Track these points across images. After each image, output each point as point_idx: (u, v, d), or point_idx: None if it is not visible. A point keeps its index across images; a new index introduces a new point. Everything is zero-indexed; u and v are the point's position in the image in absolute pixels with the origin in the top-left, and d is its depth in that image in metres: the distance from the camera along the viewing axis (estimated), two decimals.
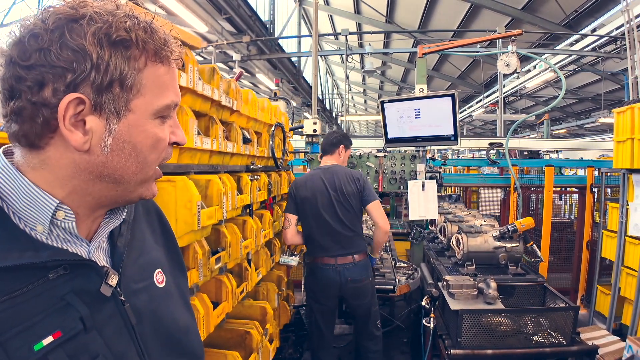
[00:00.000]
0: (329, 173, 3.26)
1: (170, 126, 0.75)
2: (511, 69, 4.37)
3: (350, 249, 3.18)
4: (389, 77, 18.53)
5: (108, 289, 0.72)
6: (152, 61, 0.69)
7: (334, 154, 3.37)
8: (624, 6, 7.27)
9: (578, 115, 18.32)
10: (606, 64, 11.42)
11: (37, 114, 0.63)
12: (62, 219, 0.68)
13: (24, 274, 0.63)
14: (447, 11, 11.18)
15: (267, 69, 11.16)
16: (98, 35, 0.63)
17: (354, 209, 3.20)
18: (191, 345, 0.90)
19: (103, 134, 0.66)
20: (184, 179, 1.82)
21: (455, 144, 4.24)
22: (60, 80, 0.62)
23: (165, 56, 0.71)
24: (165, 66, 0.71)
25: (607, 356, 3.10)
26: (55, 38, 0.62)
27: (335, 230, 3.17)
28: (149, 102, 0.70)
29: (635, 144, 3.70)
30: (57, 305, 0.65)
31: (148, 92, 0.69)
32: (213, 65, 2.29)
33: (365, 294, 3.21)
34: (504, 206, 5.62)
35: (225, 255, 2.23)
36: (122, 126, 0.68)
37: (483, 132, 26.81)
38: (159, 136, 0.72)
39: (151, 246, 0.90)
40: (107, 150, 0.67)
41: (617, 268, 4.02)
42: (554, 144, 9.58)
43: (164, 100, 0.71)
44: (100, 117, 0.66)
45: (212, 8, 7.60)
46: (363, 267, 3.20)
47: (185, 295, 0.95)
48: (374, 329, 3.30)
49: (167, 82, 0.72)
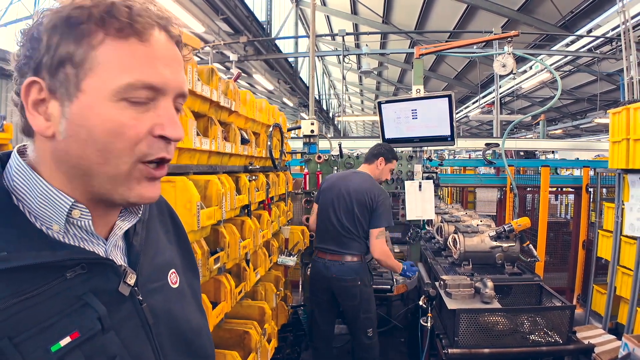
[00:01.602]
0: (352, 176, 3.44)
1: (159, 116, 0.67)
2: (507, 70, 4.39)
3: (344, 249, 3.27)
4: (385, 78, 18.56)
5: (126, 288, 0.71)
6: (112, 37, 0.63)
7: (372, 164, 3.47)
8: (619, 7, 7.33)
9: (574, 115, 18.39)
10: (602, 65, 11.48)
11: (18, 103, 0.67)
12: (78, 217, 0.67)
13: (41, 274, 0.62)
14: (443, 12, 11.21)
15: (264, 69, 11.17)
16: (54, 20, 0.63)
17: (357, 216, 3.26)
18: (203, 347, 0.89)
19: (59, 117, 0.64)
20: (184, 179, 1.82)
21: (452, 144, 4.26)
22: (28, 68, 0.64)
23: (131, 32, 0.64)
24: (133, 42, 0.64)
25: (603, 355, 3.12)
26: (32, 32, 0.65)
27: (334, 228, 3.31)
28: (104, 80, 0.63)
29: (631, 145, 3.72)
30: (74, 305, 0.64)
31: (104, 71, 0.63)
32: (212, 66, 2.30)
33: (352, 296, 3.24)
34: (500, 206, 5.64)
35: (224, 256, 2.24)
36: (74, 108, 0.63)
37: (479, 132, 26.90)
38: (121, 121, 0.64)
39: (165, 246, 0.89)
40: (64, 135, 0.64)
41: (613, 267, 4.05)
42: (550, 144, 9.63)
43: (124, 79, 0.63)
44: (57, 100, 0.64)
45: (209, 8, 7.59)
46: (352, 268, 3.24)
47: (197, 296, 0.95)
48: (363, 336, 3.28)
49: (133, 59, 0.64)
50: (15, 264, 0.59)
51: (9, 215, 0.64)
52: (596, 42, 9.11)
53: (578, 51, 9.67)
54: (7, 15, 7.24)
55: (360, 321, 3.26)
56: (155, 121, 0.67)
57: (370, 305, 3.30)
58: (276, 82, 12.40)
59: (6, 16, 7.23)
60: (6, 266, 0.58)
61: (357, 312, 3.25)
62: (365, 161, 3.54)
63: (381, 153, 3.45)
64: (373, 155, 3.47)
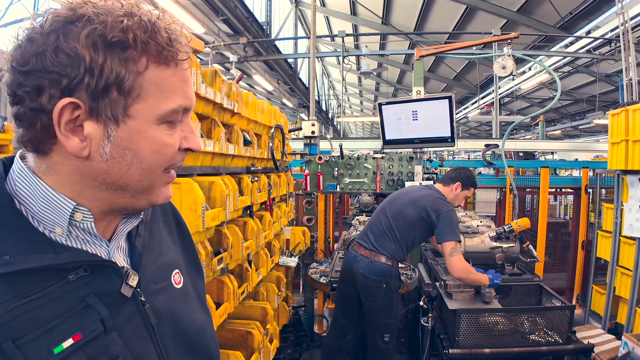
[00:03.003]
0: (422, 188, 3.35)
1: (183, 131, 0.71)
2: (507, 71, 4.41)
3: (379, 248, 3.14)
4: (385, 79, 18.56)
5: (128, 289, 0.71)
6: (155, 63, 0.64)
7: (447, 187, 3.26)
8: (618, 8, 7.35)
9: (573, 116, 18.42)
10: (601, 66, 11.50)
11: (35, 120, 0.62)
12: (81, 220, 0.68)
13: (44, 276, 0.62)
14: (442, 13, 11.23)
15: (264, 70, 11.16)
16: (92, 37, 0.59)
17: (409, 221, 3.13)
18: (208, 347, 0.89)
19: (101, 140, 0.63)
20: (189, 181, 1.84)
21: (452, 145, 4.29)
22: (56, 85, 0.60)
23: (171, 57, 0.66)
24: (172, 68, 0.66)
25: (602, 355, 3.14)
26: (51, 42, 0.59)
27: (379, 225, 3.21)
28: (151, 107, 0.65)
29: (630, 146, 3.74)
30: (77, 307, 0.64)
31: (150, 97, 0.65)
32: (215, 68, 2.31)
33: (374, 297, 3.12)
34: (499, 207, 5.67)
35: (227, 256, 2.26)
36: (121, 132, 0.64)
37: (478, 133, 26.92)
38: (164, 142, 0.68)
39: (168, 247, 0.89)
40: (107, 157, 0.64)
41: (612, 268, 4.07)
42: (550, 145, 9.66)
43: (169, 105, 0.66)
44: (98, 122, 0.63)
45: (208, 9, 7.59)
46: (380, 269, 3.09)
47: (202, 296, 0.95)
48: (379, 339, 3.17)
49: (173, 84, 0.67)
50: (19, 267, 0.59)
51: (12, 218, 0.64)
52: (595, 43, 9.11)
53: (577, 52, 9.69)
54: (7, 16, 7.26)
55: (380, 324, 3.15)
56: (181, 136, 0.71)
57: (392, 311, 3.15)
58: (276, 83, 12.40)
59: (6, 17, 7.25)
60: (9, 269, 0.58)
61: (378, 314, 3.14)
62: (441, 181, 3.34)
63: (459, 178, 3.24)
64: (450, 179, 3.27)
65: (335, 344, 3.42)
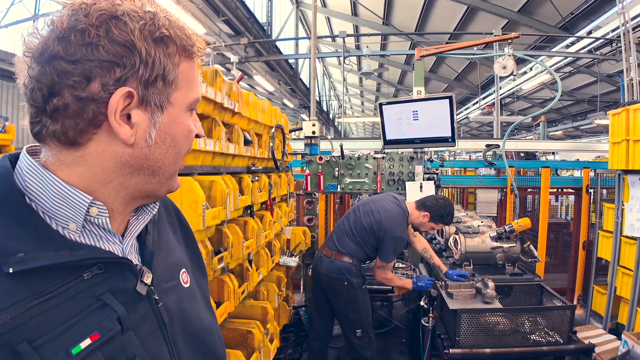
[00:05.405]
0: (389, 201, 3.37)
1: (193, 119, 0.79)
2: (508, 71, 4.41)
3: (340, 247, 3.32)
4: (385, 79, 18.57)
5: (144, 287, 0.71)
6: (184, 57, 0.72)
7: (418, 211, 3.29)
8: (619, 9, 7.35)
9: (574, 116, 18.41)
10: (602, 66, 11.48)
11: (84, 110, 0.62)
12: (96, 215, 0.67)
13: (58, 275, 0.61)
14: (443, 14, 11.23)
15: (265, 70, 11.17)
16: (144, 31, 0.65)
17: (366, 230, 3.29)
18: (215, 346, 0.89)
19: (148, 126, 0.68)
20: (190, 179, 1.84)
21: (453, 145, 4.29)
22: (109, 74, 0.62)
23: (193, 52, 0.73)
24: (193, 62, 0.74)
25: (603, 355, 3.14)
26: (103, 33, 0.62)
27: (342, 227, 3.41)
28: (184, 95, 0.73)
29: (630, 146, 3.74)
30: (93, 306, 0.63)
31: (183, 86, 0.72)
32: (216, 67, 2.31)
33: (337, 293, 3.29)
34: (500, 207, 5.66)
35: (227, 256, 2.26)
36: (164, 119, 0.70)
37: (479, 133, 26.91)
38: (190, 127, 0.76)
39: (175, 246, 0.89)
40: (152, 142, 0.69)
41: (613, 268, 4.06)
42: (551, 145, 9.65)
43: (194, 94, 0.75)
44: (145, 110, 0.68)
45: (209, 10, 7.60)
46: (339, 267, 3.27)
47: (206, 296, 0.95)
48: (352, 335, 3.28)
49: (194, 76, 0.75)
50: (34, 265, 0.58)
51: (24, 215, 0.62)
52: (596, 43, 9.11)
53: (578, 52, 9.68)
54: (8, 16, 7.28)
55: (350, 320, 3.30)
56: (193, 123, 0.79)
57: (359, 307, 3.28)
58: (276, 83, 12.41)
59: (7, 18, 7.26)
60: (24, 267, 0.57)
61: (346, 311, 3.30)
62: (418, 202, 3.35)
63: (431, 209, 3.23)
64: (424, 205, 3.27)
65: (317, 346, 3.56)
